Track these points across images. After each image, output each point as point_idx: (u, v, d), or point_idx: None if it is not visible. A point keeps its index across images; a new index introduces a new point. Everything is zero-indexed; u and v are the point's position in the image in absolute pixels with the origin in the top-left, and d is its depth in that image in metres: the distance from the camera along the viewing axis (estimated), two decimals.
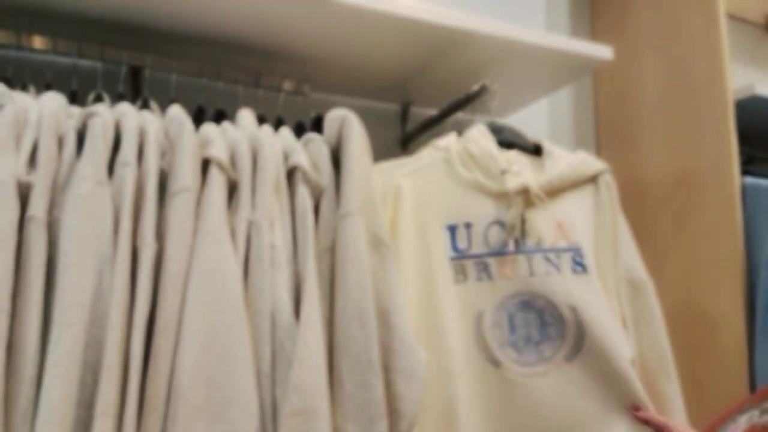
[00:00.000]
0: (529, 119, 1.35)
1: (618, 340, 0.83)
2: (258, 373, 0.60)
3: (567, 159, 0.92)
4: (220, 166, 0.66)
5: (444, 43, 0.94)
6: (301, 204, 0.68)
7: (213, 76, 0.89)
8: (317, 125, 0.88)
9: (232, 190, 0.68)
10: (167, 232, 0.61)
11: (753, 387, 1.08)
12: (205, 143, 0.69)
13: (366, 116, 0.86)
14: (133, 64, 0.83)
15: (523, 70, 1.05)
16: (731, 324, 1.11)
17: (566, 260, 0.85)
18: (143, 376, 0.56)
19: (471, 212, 0.86)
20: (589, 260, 0.86)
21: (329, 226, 0.68)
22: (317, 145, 0.74)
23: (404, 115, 1.23)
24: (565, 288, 0.83)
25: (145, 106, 0.81)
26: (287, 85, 0.94)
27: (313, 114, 0.92)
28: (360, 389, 0.63)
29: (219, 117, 0.87)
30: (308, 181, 0.70)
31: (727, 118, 1.14)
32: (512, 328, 0.81)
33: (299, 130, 0.89)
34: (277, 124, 0.89)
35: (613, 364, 0.80)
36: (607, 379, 0.80)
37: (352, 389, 0.63)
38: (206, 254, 0.62)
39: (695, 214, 1.20)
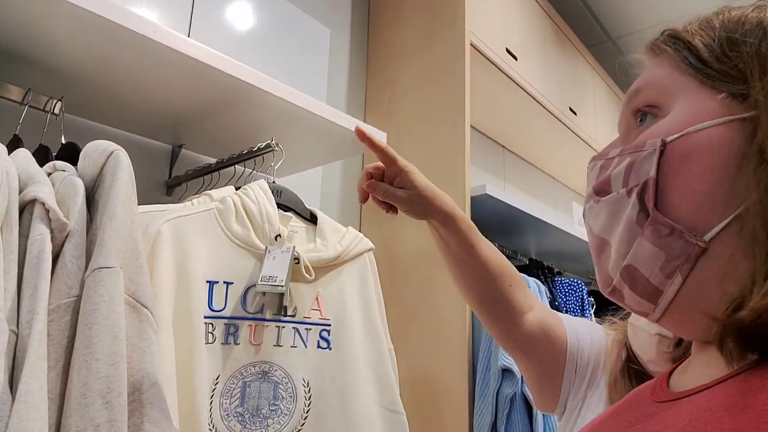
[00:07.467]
0: (304, 183, 1.38)
1: (353, 419, 0.84)
2: None
3: (339, 236, 0.94)
4: None
5: (227, 93, 0.89)
6: (36, 247, 0.55)
7: None
8: (69, 154, 0.74)
9: None
10: None
11: None
12: None
13: (129, 151, 0.75)
14: None
15: (304, 138, 1.06)
16: (457, 387, 1.26)
17: (314, 335, 0.86)
18: None
19: (234, 270, 0.81)
20: (338, 337, 0.87)
21: (73, 279, 0.56)
22: (68, 177, 0.62)
23: (173, 156, 1.13)
24: (306, 363, 0.83)
25: None
26: (33, 99, 0.78)
27: (63, 139, 0.78)
28: None
29: None
30: (50, 220, 0.57)
31: (465, 210, 1.34)
32: (243, 398, 0.78)
33: (42, 156, 0.74)
34: (14, 144, 0.72)
35: None
36: None
37: None
38: None
39: (436, 287, 1.35)
